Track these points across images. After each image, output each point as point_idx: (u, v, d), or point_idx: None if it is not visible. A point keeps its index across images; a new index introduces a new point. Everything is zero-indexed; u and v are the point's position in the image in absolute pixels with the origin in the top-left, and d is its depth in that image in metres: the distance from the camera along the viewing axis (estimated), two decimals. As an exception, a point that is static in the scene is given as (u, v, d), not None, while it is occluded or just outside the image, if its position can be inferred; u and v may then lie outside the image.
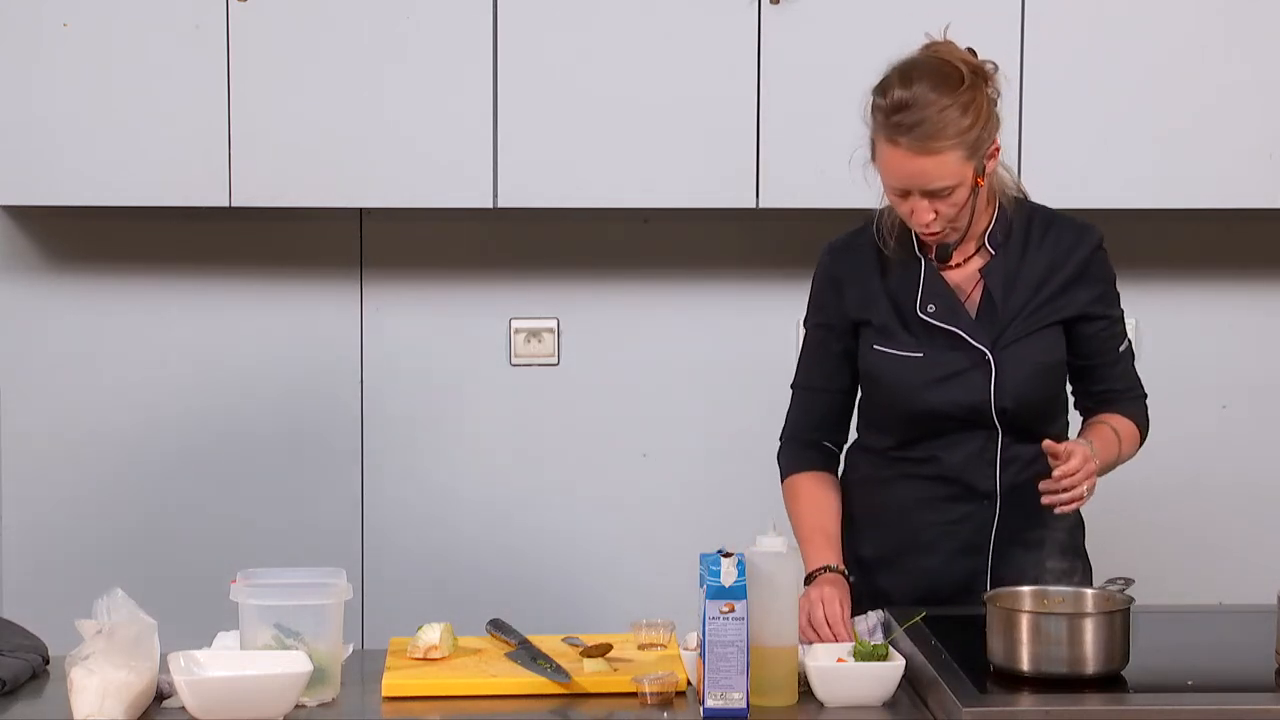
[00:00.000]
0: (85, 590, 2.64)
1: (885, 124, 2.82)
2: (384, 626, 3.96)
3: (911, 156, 2.81)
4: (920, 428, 2.97)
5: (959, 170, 2.83)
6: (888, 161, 2.84)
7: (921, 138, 2.79)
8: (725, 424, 4.14)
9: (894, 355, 2.96)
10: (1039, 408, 2.96)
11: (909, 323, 2.96)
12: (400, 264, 4.12)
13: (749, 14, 3.81)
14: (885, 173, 2.86)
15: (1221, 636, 2.89)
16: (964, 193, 2.86)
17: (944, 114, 2.79)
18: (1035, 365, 2.94)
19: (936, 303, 2.95)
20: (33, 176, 3.80)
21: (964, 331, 2.93)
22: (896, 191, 2.87)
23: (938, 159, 2.80)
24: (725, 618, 2.54)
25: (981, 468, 2.95)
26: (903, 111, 2.80)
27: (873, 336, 2.98)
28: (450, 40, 3.80)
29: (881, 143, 2.84)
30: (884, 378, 2.97)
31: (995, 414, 2.93)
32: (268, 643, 2.61)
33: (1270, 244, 4.18)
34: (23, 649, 2.76)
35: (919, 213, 2.86)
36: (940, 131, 2.79)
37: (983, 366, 2.92)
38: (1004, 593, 2.71)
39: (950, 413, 2.94)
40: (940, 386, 2.94)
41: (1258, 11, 3.86)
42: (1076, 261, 2.97)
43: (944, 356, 2.94)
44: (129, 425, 4.10)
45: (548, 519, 4.16)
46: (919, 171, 2.82)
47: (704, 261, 4.14)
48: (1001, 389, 2.92)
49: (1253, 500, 4.22)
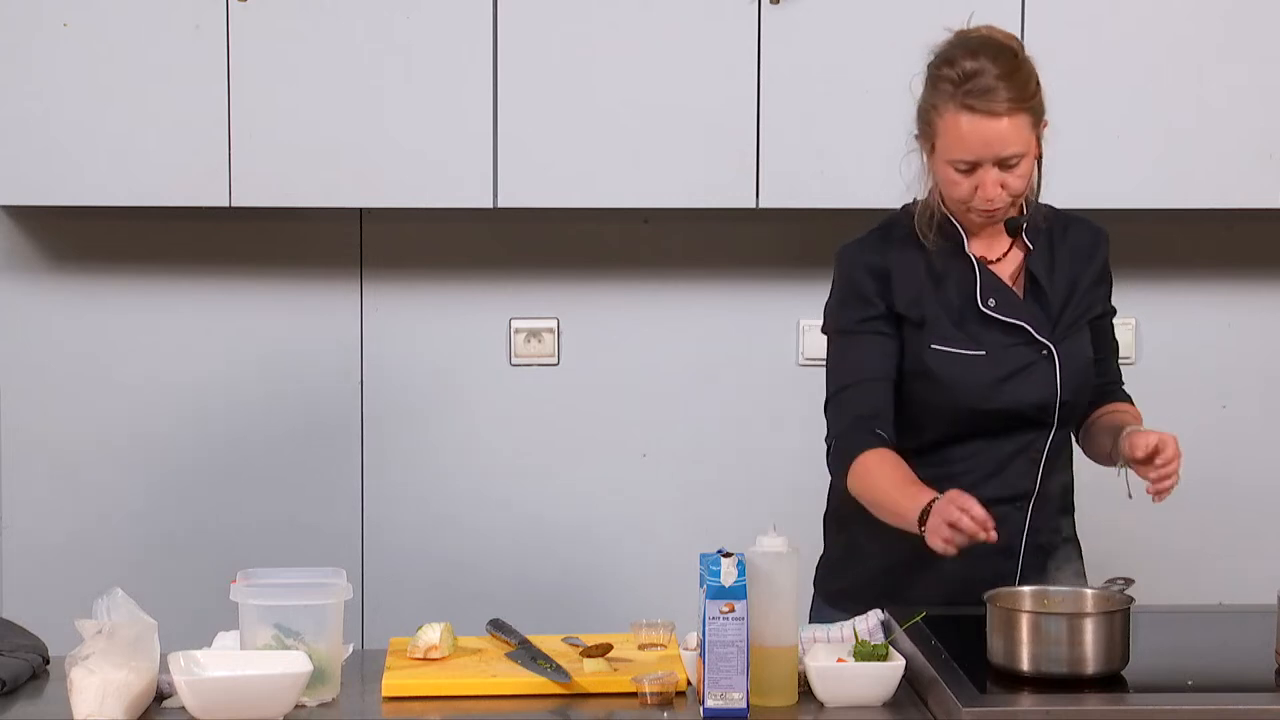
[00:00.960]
0: (85, 590, 2.64)
1: (958, 92, 2.82)
2: (384, 626, 3.96)
3: (989, 121, 2.81)
4: (972, 427, 2.92)
5: (1028, 137, 2.85)
6: (962, 131, 2.82)
7: (1001, 100, 2.80)
8: (725, 424, 4.14)
9: (957, 354, 2.90)
10: (1084, 404, 2.98)
11: (965, 320, 2.92)
12: (400, 264, 4.12)
13: (749, 14, 3.81)
14: (956, 145, 2.84)
15: (1221, 636, 2.89)
16: (1029, 164, 2.87)
17: (1014, 77, 2.82)
18: (1085, 359, 2.95)
19: (997, 297, 2.92)
20: (33, 176, 3.80)
21: (1029, 324, 2.91)
22: (965, 165, 2.84)
23: (1014, 121, 2.81)
24: (725, 618, 2.54)
25: (1024, 466, 2.93)
26: (977, 78, 2.81)
27: (927, 335, 2.92)
28: (450, 41, 3.80)
29: (952, 113, 2.83)
30: (944, 377, 2.90)
31: (1058, 409, 2.92)
32: (268, 643, 2.61)
33: (1270, 244, 4.18)
34: (23, 649, 2.76)
35: (987, 186, 2.84)
36: (1018, 93, 2.82)
37: (1047, 360, 2.91)
38: (1004, 593, 2.71)
39: (1019, 410, 2.90)
40: (1006, 385, 2.90)
41: (1258, 12, 3.86)
42: (1098, 262, 3.00)
43: (1007, 353, 2.91)
44: (129, 425, 4.10)
45: (548, 519, 4.16)
46: (996, 137, 2.82)
47: (704, 261, 4.14)
48: (1065, 382, 2.91)
49: (1253, 500, 4.22)
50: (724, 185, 3.84)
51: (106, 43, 3.77)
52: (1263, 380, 4.21)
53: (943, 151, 2.86)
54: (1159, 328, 4.15)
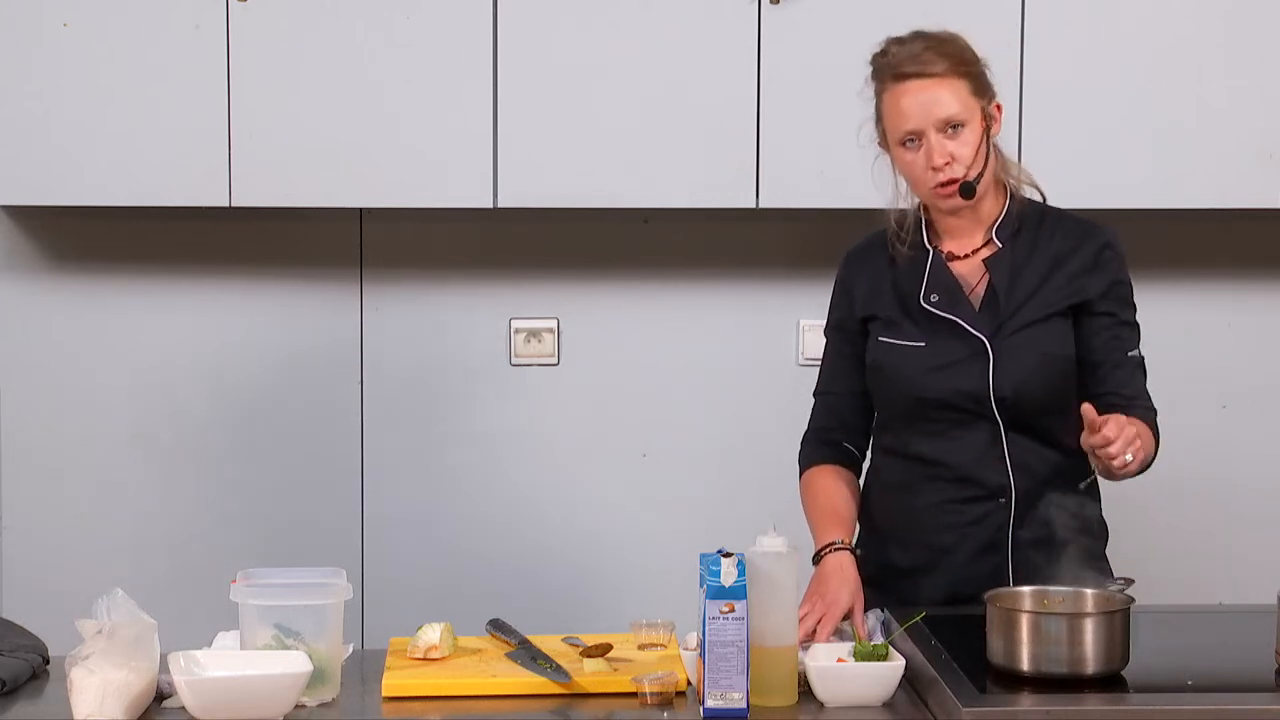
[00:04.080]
0: (85, 590, 2.64)
1: (890, 68, 2.92)
2: (384, 626, 3.96)
3: (922, 84, 2.89)
4: (923, 420, 2.97)
5: (968, 102, 2.91)
6: (899, 105, 2.91)
7: (931, 63, 2.89)
8: (725, 424, 4.15)
9: (896, 345, 2.99)
10: (1043, 401, 2.95)
11: (913, 314, 2.99)
12: (400, 264, 4.12)
13: (749, 14, 3.81)
14: (897, 119, 2.91)
15: (1221, 636, 2.89)
16: (975, 134, 2.91)
17: (944, 47, 2.93)
18: (1039, 355, 2.94)
19: (940, 293, 2.97)
20: (33, 176, 3.80)
21: (963, 320, 2.95)
22: (910, 136, 2.91)
23: (948, 84, 2.90)
24: (725, 618, 2.54)
25: (991, 463, 2.95)
26: (904, 49, 2.91)
27: (879, 329, 3.02)
28: (450, 40, 3.80)
29: (889, 91, 2.92)
30: (886, 367, 3.00)
31: (995, 404, 2.93)
32: (268, 643, 2.61)
33: (1270, 244, 4.18)
34: (23, 649, 2.76)
35: (934, 153, 2.90)
36: (950, 61, 2.90)
37: (981, 355, 2.93)
38: (1004, 593, 2.71)
39: (950, 401, 2.95)
40: (939, 374, 2.95)
41: (1258, 12, 3.86)
42: (1085, 254, 2.98)
43: (945, 345, 2.96)
44: (129, 425, 4.10)
45: (548, 519, 4.16)
46: (932, 99, 2.89)
47: (704, 261, 4.14)
48: (1000, 378, 2.92)
49: (1253, 500, 4.22)
50: (724, 185, 3.84)
51: (106, 43, 3.77)
52: (1263, 380, 4.21)
53: (891, 134, 2.95)
54: (1159, 328, 4.12)
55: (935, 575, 2.99)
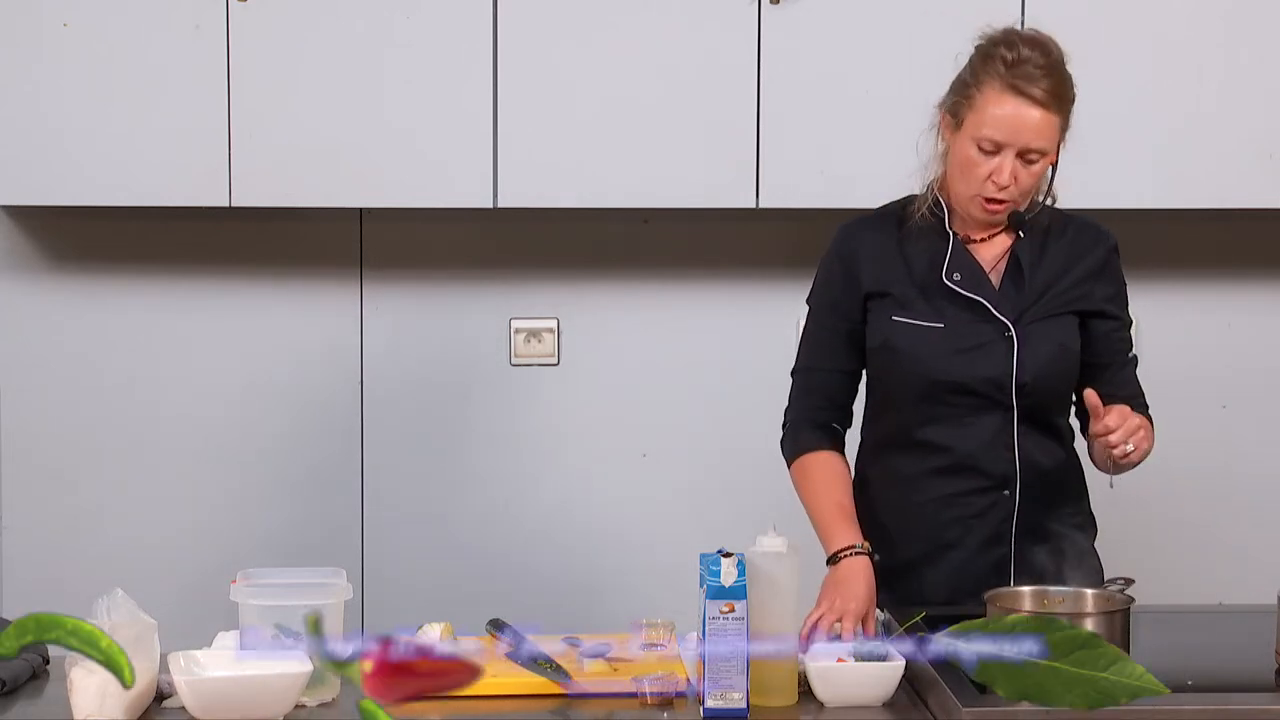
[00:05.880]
0: (85, 590, 2.64)
1: (1008, 72, 2.84)
2: (384, 626, 3.96)
3: (1028, 106, 2.83)
4: (936, 404, 2.94)
5: (1053, 137, 2.87)
6: (1000, 110, 2.83)
7: (1043, 90, 2.83)
8: (725, 424, 4.14)
9: (914, 325, 2.94)
10: (1055, 391, 2.96)
11: (930, 293, 2.94)
12: (400, 264, 4.12)
13: (749, 14, 3.81)
14: (990, 122, 2.84)
15: (1221, 636, 2.89)
16: (1044, 166, 2.89)
17: (1059, 75, 2.87)
18: (1057, 346, 2.94)
19: (962, 272, 2.94)
20: (33, 176, 3.80)
21: (989, 302, 2.93)
22: (991, 145, 2.85)
23: (1047, 116, 2.84)
24: (725, 618, 2.54)
25: (999, 451, 2.93)
26: (1028, 63, 2.84)
27: (890, 307, 2.95)
28: (450, 40, 3.80)
29: (996, 91, 2.84)
30: (903, 348, 2.94)
31: (1015, 390, 2.92)
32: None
33: (1270, 244, 4.18)
34: (23, 649, 2.76)
35: (1001, 172, 2.85)
36: (1058, 92, 2.85)
37: (1005, 340, 2.92)
38: (1004, 593, 2.71)
39: (971, 386, 2.92)
40: (962, 357, 2.92)
41: (1258, 12, 3.86)
42: (1095, 258, 2.99)
43: (966, 328, 2.93)
44: (129, 425, 4.10)
45: (547, 519, 4.16)
46: (1029, 125, 2.83)
47: (704, 261, 4.14)
48: (1023, 364, 2.91)
49: (1253, 500, 4.22)
50: (724, 185, 3.84)
51: (106, 43, 3.77)
52: (1263, 380, 4.21)
53: (972, 128, 2.87)
54: (1159, 328, 4.15)
55: (938, 569, 2.98)
